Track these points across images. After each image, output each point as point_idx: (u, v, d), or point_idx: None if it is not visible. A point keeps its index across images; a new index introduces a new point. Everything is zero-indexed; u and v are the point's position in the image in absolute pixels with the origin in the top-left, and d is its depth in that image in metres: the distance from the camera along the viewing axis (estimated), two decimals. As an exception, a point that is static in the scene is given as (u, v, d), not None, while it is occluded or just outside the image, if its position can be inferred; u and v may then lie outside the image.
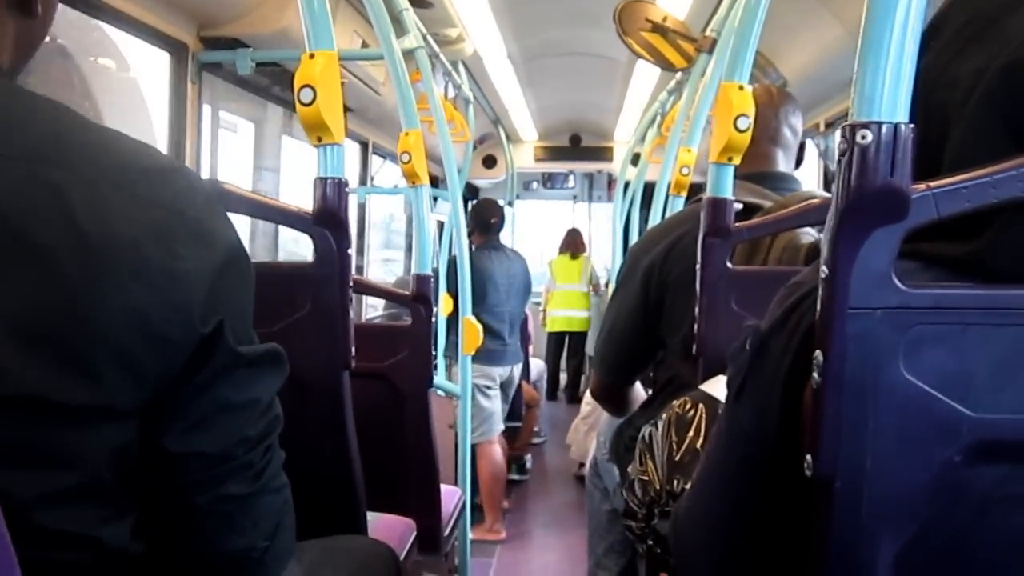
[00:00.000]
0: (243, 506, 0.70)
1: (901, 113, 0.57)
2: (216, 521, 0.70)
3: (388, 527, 1.71)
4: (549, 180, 7.80)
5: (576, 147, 7.13)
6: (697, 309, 1.38)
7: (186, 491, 0.68)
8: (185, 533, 0.70)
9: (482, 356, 3.05)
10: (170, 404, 0.65)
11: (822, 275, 0.61)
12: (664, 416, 1.17)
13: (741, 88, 1.31)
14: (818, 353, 0.61)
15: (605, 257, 6.82)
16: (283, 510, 0.75)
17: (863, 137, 0.57)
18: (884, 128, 0.57)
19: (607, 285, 5.74)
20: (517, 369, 4.38)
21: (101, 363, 0.60)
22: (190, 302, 0.64)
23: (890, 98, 0.57)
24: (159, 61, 2.36)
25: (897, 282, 0.59)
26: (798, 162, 1.69)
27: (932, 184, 0.59)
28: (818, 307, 0.62)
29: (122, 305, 0.60)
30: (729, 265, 1.36)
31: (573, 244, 6.98)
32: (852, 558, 0.63)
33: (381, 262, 5.28)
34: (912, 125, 0.57)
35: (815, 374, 0.62)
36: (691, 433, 1.12)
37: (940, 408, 0.60)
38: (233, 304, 0.68)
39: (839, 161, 0.59)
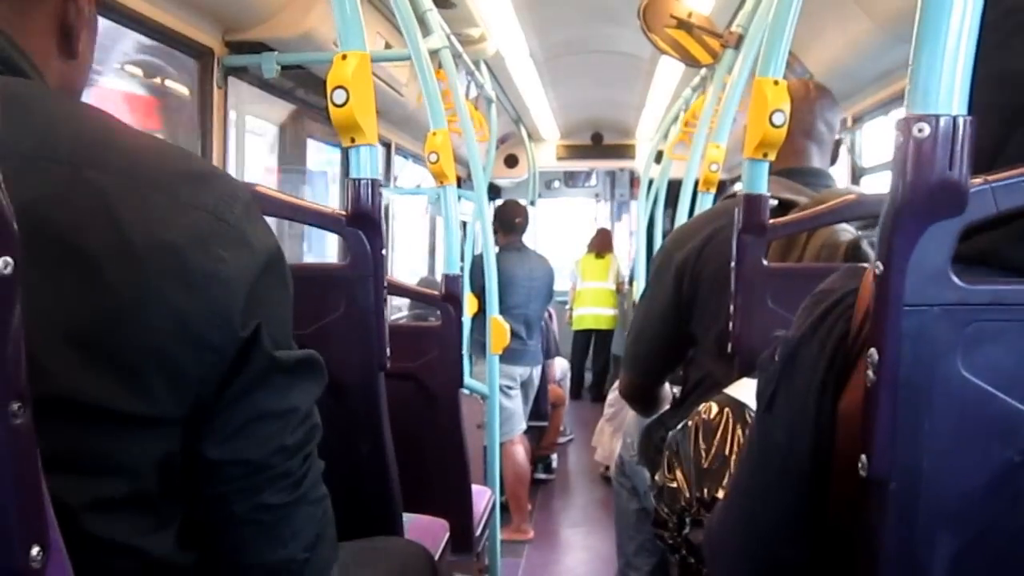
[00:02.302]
0: (282, 516, 0.70)
1: (959, 105, 0.56)
2: (255, 531, 0.70)
3: (423, 528, 1.71)
4: (571, 179, 7.78)
5: (598, 145, 7.11)
6: (732, 307, 1.37)
7: (225, 500, 0.68)
8: (225, 543, 0.70)
9: (502, 355, 3.05)
10: (210, 411, 0.65)
11: (876, 271, 0.60)
12: (690, 423, 1.16)
13: (776, 83, 1.29)
14: (872, 351, 0.60)
15: (628, 255, 6.79)
16: (323, 521, 0.75)
17: (920, 130, 0.56)
18: (942, 121, 0.55)
19: (630, 283, 5.72)
20: (537, 370, 4.37)
21: (145, 368, 0.60)
22: (231, 307, 0.64)
23: (947, 90, 0.56)
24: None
25: (954, 278, 0.58)
26: (833, 159, 1.66)
27: (990, 178, 0.58)
28: (870, 305, 0.61)
29: (165, 310, 0.61)
30: (764, 262, 1.34)
31: (600, 244, 6.95)
32: (908, 561, 0.62)
33: (404, 262, 5.29)
34: (971, 117, 0.56)
35: (869, 372, 0.60)
36: (718, 439, 1.11)
37: (1000, 407, 0.59)
38: (271, 308, 0.68)
39: (895, 155, 0.58)
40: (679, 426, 1.19)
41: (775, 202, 1.38)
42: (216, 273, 0.63)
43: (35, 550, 0.46)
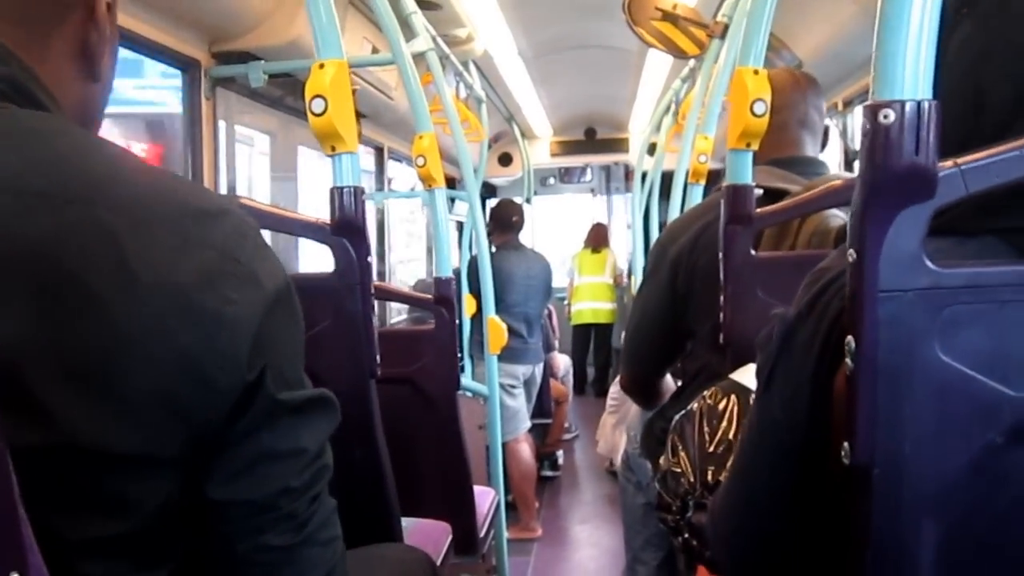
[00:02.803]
0: (285, 558, 0.68)
1: (923, 90, 0.56)
2: (257, 571, 0.68)
3: (424, 532, 1.71)
4: (566, 175, 7.78)
5: (591, 140, 7.11)
6: (722, 298, 1.37)
7: (227, 540, 0.67)
8: None
9: (504, 355, 3.04)
10: (213, 452, 0.64)
11: (850, 259, 0.60)
12: (695, 407, 1.15)
13: (756, 72, 1.29)
14: (850, 339, 0.60)
15: (624, 249, 6.79)
16: (332, 562, 0.72)
17: (885, 116, 0.56)
18: (907, 106, 0.55)
19: (629, 277, 5.72)
20: (539, 368, 4.37)
21: (148, 408, 0.60)
22: (238, 348, 0.63)
23: (912, 75, 0.56)
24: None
25: (928, 263, 0.58)
26: (823, 144, 1.66)
27: (959, 161, 0.58)
28: (847, 292, 0.61)
29: (170, 350, 0.60)
30: (753, 252, 1.34)
31: (596, 238, 6.96)
32: (893, 546, 0.62)
33: (402, 265, 5.29)
34: (936, 102, 0.56)
35: (848, 360, 0.60)
36: (724, 424, 1.11)
37: (979, 389, 0.59)
38: (279, 347, 0.67)
39: (862, 142, 0.57)
40: (683, 411, 1.19)
41: (760, 192, 1.38)
42: (223, 314, 0.62)
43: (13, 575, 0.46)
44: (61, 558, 0.51)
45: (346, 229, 1.29)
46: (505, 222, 4.31)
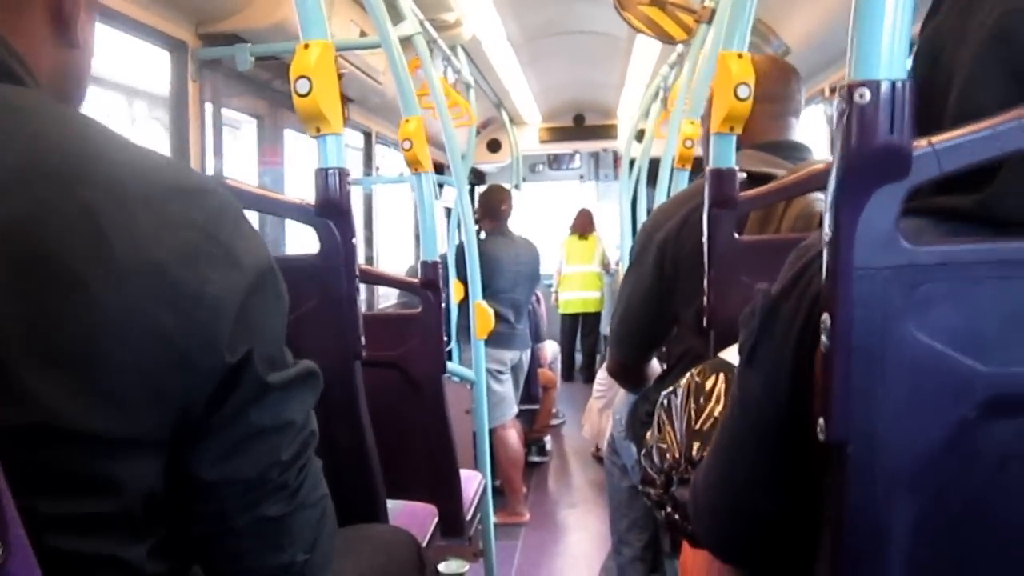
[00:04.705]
0: (281, 525, 0.70)
1: (898, 70, 0.56)
2: (254, 541, 0.69)
3: (410, 514, 1.72)
4: (555, 161, 7.77)
5: (580, 127, 7.10)
6: (706, 281, 1.38)
7: (222, 516, 0.67)
8: (223, 554, 0.70)
9: (492, 340, 3.05)
10: (201, 432, 0.64)
11: (826, 238, 0.60)
12: (683, 384, 1.16)
13: (740, 56, 1.30)
14: (826, 316, 0.61)
15: (613, 235, 6.79)
16: (322, 522, 0.74)
17: (861, 96, 0.56)
18: (883, 86, 0.56)
19: (618, 264, 5.73)
20: (527, 354, 4.38)
21: (128, 389, 0.59)
22: (217, 329, 0.62)
23: (887, 56, 0.56)
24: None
25: (903, 241, 0.59)
26: None
27: (934, 140, 0.58)
28: (823, 270, 0.62)
29: (149, 330, 0.59)
30: (736, 236, 1.35)
31: (583, 224, 6.96)
32: (870, 522, 0.63)
33: (391, 251, 5.29)
34: (910, 81, 0.56)
35: (823, 337, 0.61)
36: (711, 402, 1.11)
37: (953, 365, 0.60)
38: (264, 328, 0.67)
39: (837, 122, 0.58)
40: (671, 388, 1.19)
41: (743, 176, 1.38)
42: (203, 294, 0.61)
43: (-5, 548, 0.46)
44: (41, 535, 0.51)
45: (330, 210, 1.29)
46: (494, 208, 4.31)
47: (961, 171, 0.59)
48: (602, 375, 4.22)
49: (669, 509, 1.13)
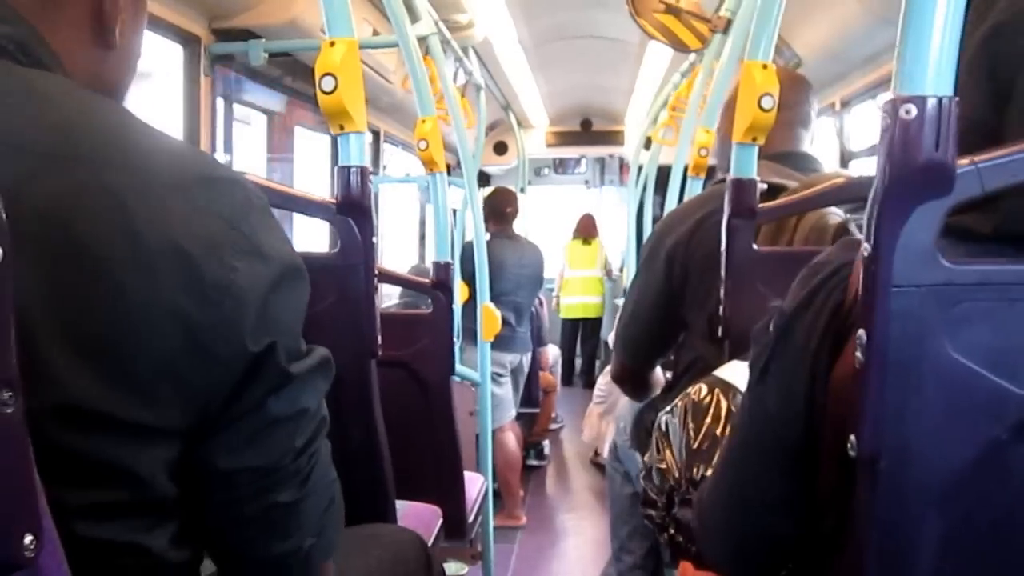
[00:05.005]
0: (291, 511, 0.70)
1: (945, 87, 0.56)
2: (264, 527, 0.70)
3: (416, 515, 1.72)
4: (560, 165, 7.77)
5: (587, 131, 7.10)
6: (722, 291, 1.37)
7: (236, 503, 0.68)
8: (234, 540, 0.70)
9: (493, 343, 3.05)
10: (219, 422, 0.64)
11: (864, 253, 0.60)
12: (679, 404, 1.16)
13: (765, 67, 1.29)
14: (861, 332, 0.60)
15: (618, 242, 6.79)
16: (329, 507, 0.75)
17: (907, 112, 0.56)
18: (929, 102, 0.56)
19: (621, 270, 5.72)
20: (527, 357, 4.37)
21: (152, 377, 0.59)
22: (241, 320, 0.62)
23: (934, 72, 0.56)
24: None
25: (942, 259, 0.58)
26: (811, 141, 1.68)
27: (977, 158, 0.58)
28: (859, 285, 0.61)
29: (174, 318, 0.59)
30: (754, 246, 1.35)
31: (586, 229, 6.96)
32: (897, 539, 0.63)
33: (394, 251, 5.28)
34: (956, 99, 0.56)
35: (858, 353, 0.61)
36: (708, 420, 1.11)
37: (987, 386, 0.59)
38: (286, 321, 0.67)
39: (881, 136, 0.58)
40: (668, 408, 1.19)
41: (764, 186, 1.38)
42: (229, 284, 0.61)
43: (28, 539, 0.46)
44: (62, 522, 0.51)
45: (351, 208, 1.29)
46: (499, 211, 4.31)
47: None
48: (602, 381, 4.22)
49: (672, 531, 1.13)
